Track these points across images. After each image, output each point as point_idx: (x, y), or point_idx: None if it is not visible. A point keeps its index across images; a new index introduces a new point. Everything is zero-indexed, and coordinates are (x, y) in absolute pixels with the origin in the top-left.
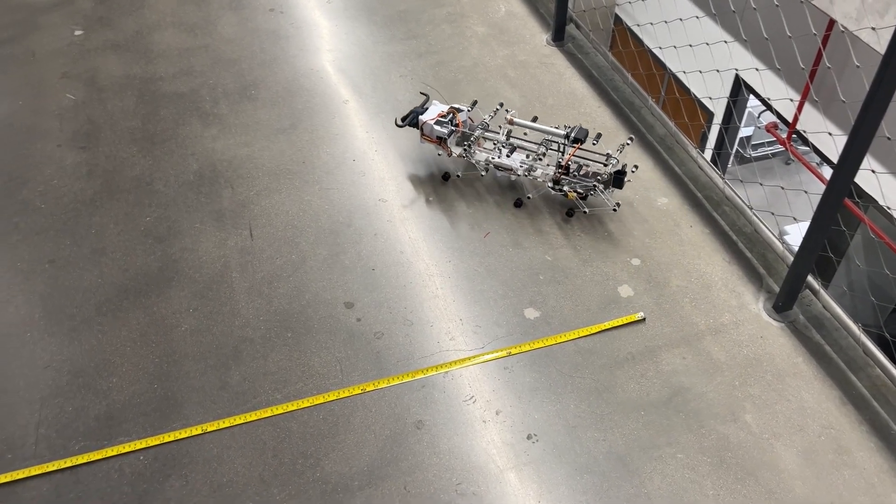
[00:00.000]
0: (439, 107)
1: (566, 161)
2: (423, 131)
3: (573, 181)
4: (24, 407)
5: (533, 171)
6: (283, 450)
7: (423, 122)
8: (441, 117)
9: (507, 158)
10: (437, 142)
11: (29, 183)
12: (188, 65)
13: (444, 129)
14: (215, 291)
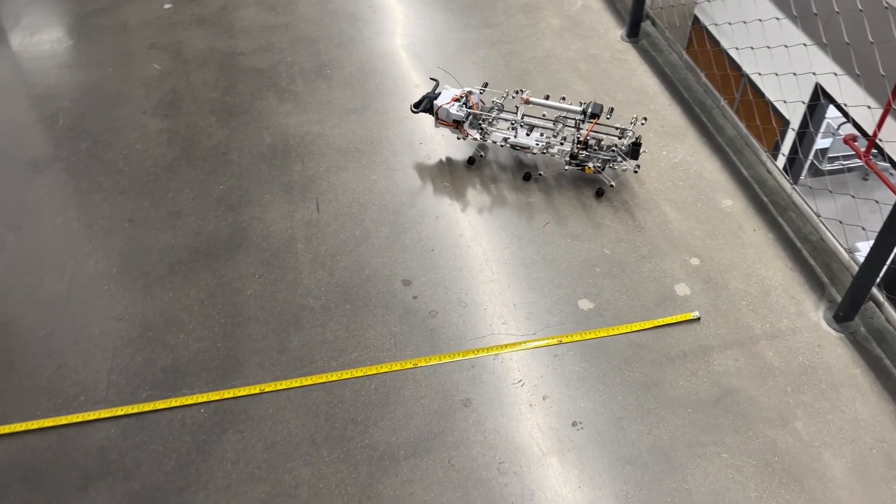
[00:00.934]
0: (452, 91)
1: (585, 135)
2: (438, 116)
3: (592, 155)
4: (98, 354)
5: (550, 148)
6: (334, 415)
7: (438, 107)
8: (455, 101)
9: (525, 137)
10: (453, 125)
11: (114, 146)
12: (268, 42)
13: (460, 112)
14: (280, 260)
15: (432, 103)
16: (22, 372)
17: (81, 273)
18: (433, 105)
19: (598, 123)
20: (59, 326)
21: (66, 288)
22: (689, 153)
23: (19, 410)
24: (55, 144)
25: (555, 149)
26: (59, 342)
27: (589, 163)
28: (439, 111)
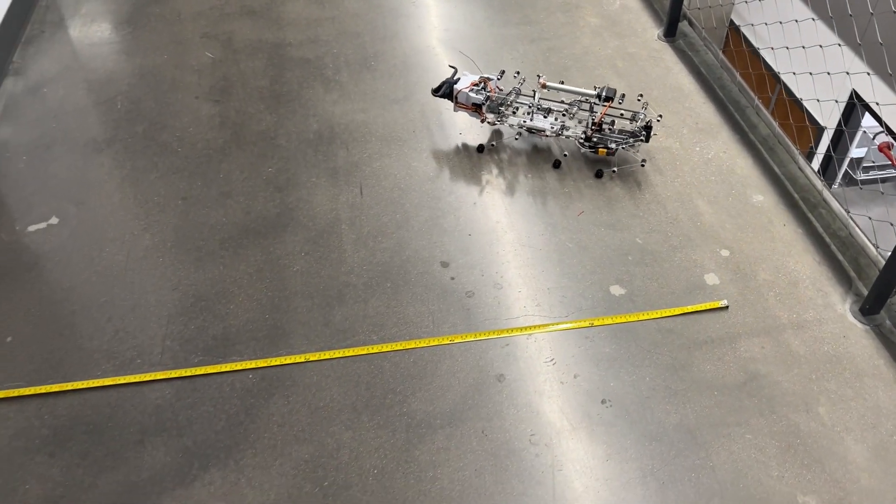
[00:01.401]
0: (470, 77)
1: (599, 118)
2: (457, 100)
3: (605, 137)
4: (153, 321)
5: (565, 131)
6: (374, 384)
7: (458, 91)
8: (474, 86)
9: (542, 120)
10: (472, 108)
11: (168, 128)
12: (315, 34)
13: (479, 96)
14: (325, 239)
15: (452, 88)
16: (83, 335)
17: (138, 246)
18: (453, 89)
19: (611, 107)
20: (117, 294)
21: (123, 259)
22: (721, 150)
23: (81, 370)
24: (114, 126)
25: (569, 131)
26: (117, 309)
27: (602, 145)
28: (459, 95)
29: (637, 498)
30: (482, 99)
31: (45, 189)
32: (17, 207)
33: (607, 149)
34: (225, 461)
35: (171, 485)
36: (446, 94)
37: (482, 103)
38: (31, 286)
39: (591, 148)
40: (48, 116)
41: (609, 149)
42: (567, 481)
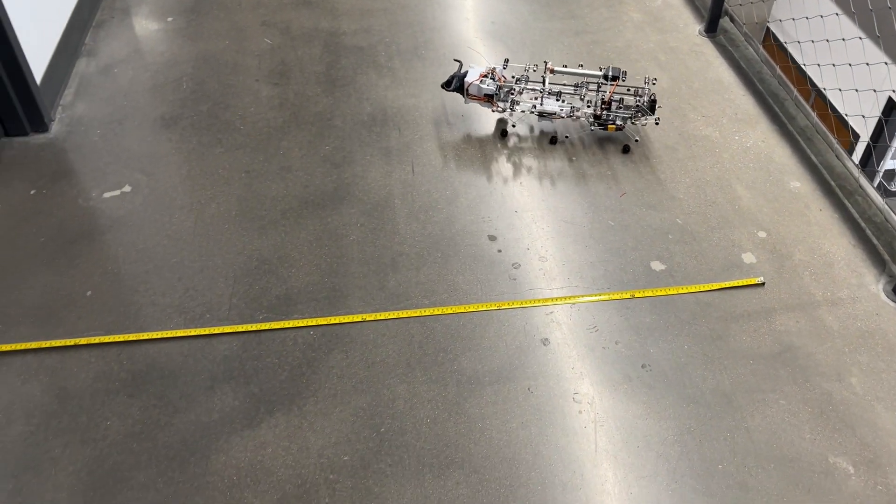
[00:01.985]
0: (478, 69)
1: (609, 96)
2: (468, 92)
3: (615, 114)
4: (221, 281)
5: (576, 111)
6: (427, 343)
7: (469, 84)
8: (483, 77)
9: (552, 104)
10: (484, 99)
11: (231, 108)
12: (368, 24)
13: (490, 87)
14: (379, 212)
15: (462, 81)
16: (157, 291)
17: (205, 213)
18: (463, 83)
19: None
20: (187, 256)
21: (192, 225)
22: (760, 139)
23: (155, 322)
24: (180, 104)
25: (580, 111)
26: (187, 269)
27: (611, 122)
28: (470, 87)
29: (675, 454)
30: (493, 89)
31: (118, 160)
32: (93, 176)
33: (616, 125)
34: (289, 407)
35: (240, 426)
36: (458, 88)
37: (494, 93)
38: (107, 247)
39: (601, 126)
40: (119, 94)
41: (618, 125)
42: (608, 436)
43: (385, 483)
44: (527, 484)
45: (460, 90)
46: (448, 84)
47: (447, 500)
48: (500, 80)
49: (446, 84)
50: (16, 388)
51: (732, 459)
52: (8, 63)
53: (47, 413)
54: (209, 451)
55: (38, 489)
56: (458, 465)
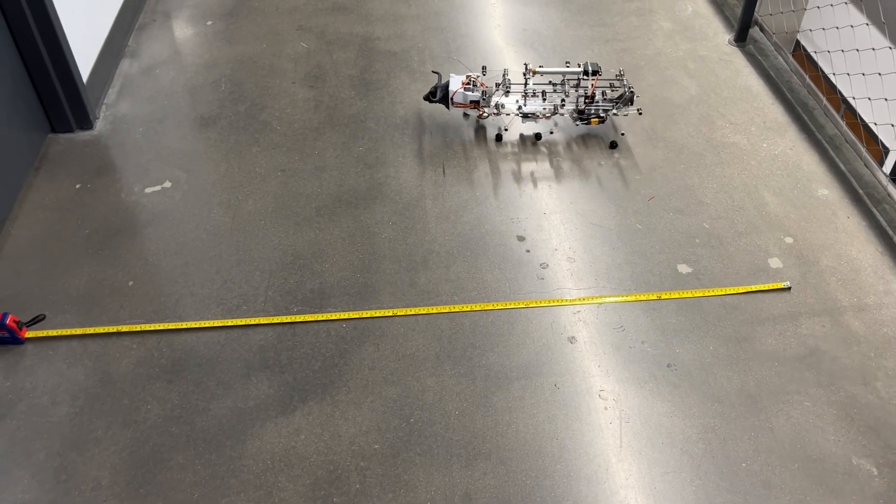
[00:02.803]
0: (458, 77)
1: (591, 89)
2: (454, 101)
3: (597, 107)
4: (257, 274)
5: (560, 109)
6: (456, 338)
7: (454, 92)
8: (465, 85)
9: (535, 104)
10: (471, 106)
11: (267, 109)
12: (401, 30)
13: (475, 93)
14: (411, 212)
15: (447, 91)
16: (195, 283)
17: (242, 209)
18: (448, 93)
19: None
20: (224, 250)
21: (229, 220)
22: (788, 147)
23: (194, 312)
24: (219, 105)
25: (564, 108)
26: (224, 262)
27: (594, 115)
28: (455, 96)
29: (699, 451)
30: (478, 95)
31: (159, 157)
32: (135, 172)
33: (599, 118)
34: (322, 396)
35: (274, 413)
36: (442, 98)
37: (479, 100)
38: (148, 240)
39: (584, 121)
40: (160, 94)
41: (601, 118)
42: (633, 432)
43: (414, 471)
44: (552, 476)
45: (445, 100)
46: (433, 95)
47: (474, 490)
48: (482, 85)
49: (430, 95)
50: (62, 372)
51: (756, 458)
52: (57, 64)
53: (91, 396)
54: (245, 437)
55: (82, 467)
56: (485, 456)
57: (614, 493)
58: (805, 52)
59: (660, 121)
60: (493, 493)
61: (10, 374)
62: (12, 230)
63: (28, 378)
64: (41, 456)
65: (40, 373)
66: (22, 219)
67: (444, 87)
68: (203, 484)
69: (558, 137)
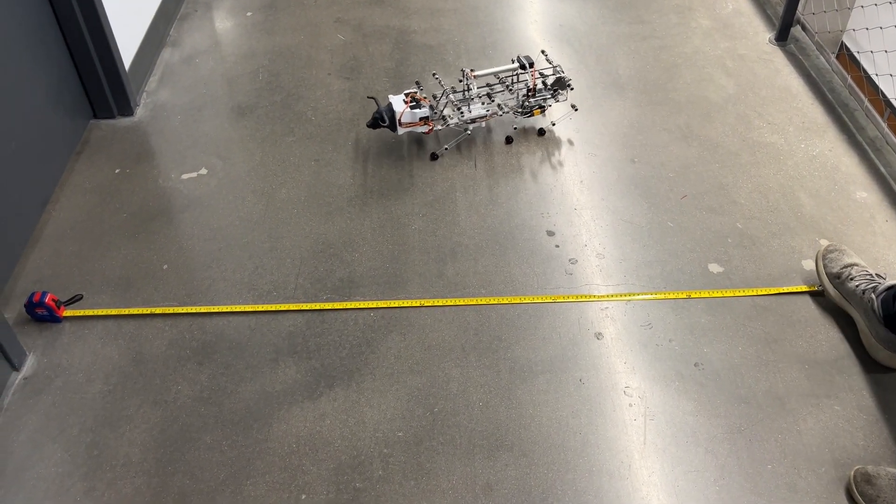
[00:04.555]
0: (397, 98)
1: (533, 81)
2: (401, 122)
3: (538, 98)
4: (288, 261)
5: (502, 108)
6: (482, 330)
7: (400, 114)
8: (408, 104)
9: (479, 108)
10: (420, 123)
11: (303, 99)
12: (438, 23)
13: (424, 110)
14: (441, 204)
15: (393, 113)
16: (227, 268)
17: (275, 198)
18: (394, 114)
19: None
20: (257, 237)
21: (263, 208)
22: (827, 148)
23: (226, 296)
24: (256, 95)
25: (506, 106)
26: (257, 249)
27: (536, 106)
28: (403, 116)
29: (724, 451)
30: (427, 111)
31: (196, 145)
32: (173, 158)
33: (541, 107)
34: (348, 383)
35: (301, 398)
36: (390, 123)
37: (428, 115)
38: (183, 225)
39: (526, 114)
40: (199, 83)
41: (542, 107)
42: (658, 429)
43: (436, 460)
44: (574, 470)
45: (392, 124)
46: (381, 121)
47: (496, 481)
48: (423, 100)
49: (378, 121)
50: (97, 350)
51: (782, 460)
52: (101, 51)
53: (124, 374)
54: (271, 420)
55: (114, 444)
56: (507, 448)
57: (636, 489)
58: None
59: (695, 119)
60: (515, 484)
61: (47, 351)
62: (54, 212)
63: (65, 355)
64: (75, 431)
65: (76, 351)
66: (63, 201)
67: (388, 110)
68: (229, 464)
69: (592, 133)
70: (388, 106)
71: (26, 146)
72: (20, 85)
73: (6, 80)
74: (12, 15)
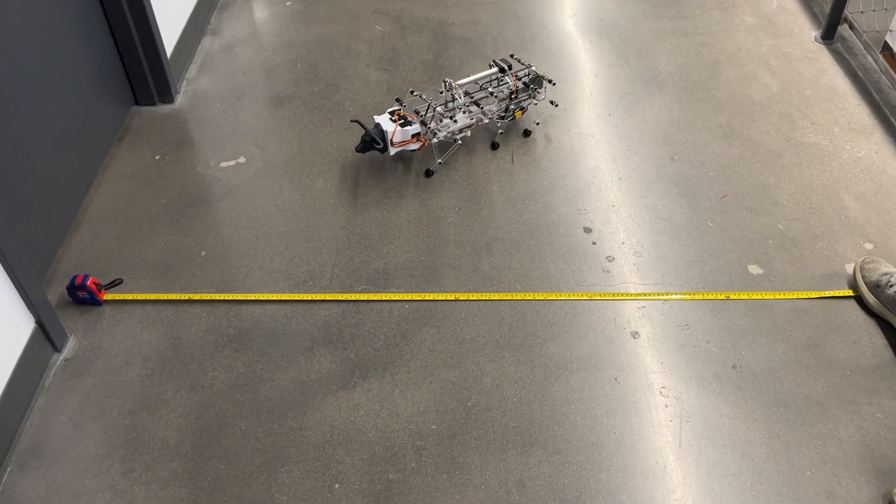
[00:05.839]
0: (383, 117)
1: (514, 85)
2: (393, 142)
3: (519, 100)
4: (324, 251)
5: (487, 114)
6: (517, 326)
7: (392, 133)
8: (396, 122)
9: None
10: (413, 140)
11: (341, 90)
12: (476, 16)
13: (414, 126)
14: (477, 198)
15: (383, 133)
16: (265, 257)
17: (312, 188)
18: (385, 135)
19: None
20: (293, 226)
21: (300, 198)
22: (873, 150)
23: (262, 284)
24: (294, 84)
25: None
26: (293, 238)
27: (517, 108)
28: (394, 136)
29: (762, 455)
30: (418, 127)
31: (235, 133)
32: (212, 146)
33: (521, 108)
34: (382, 374)
35: (335, 387)
36: (383, 144)
37: (419, 131)
38: (222, 212)
39: (507, 118)
40: (239, 72)
41: (523, 108)
42: (694, 432)
43: (469, 454)
44: (608, 469)
45: (384, 145)
46: (370, 145)
47: (528, 477)
48: (408, 116)
49: (368, 145)
50: (136, 334)
51: (822, 467)
52: (145, 39)
53: (162, 359)
54: (306, 408)
55: (151, 427)
56: (541, 445)
57: (671, 491)
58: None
59: (737, 118)
60: (548, 481)
61: (88, 333)
62: (95, 197)
63: (104, 338)
64: (114, 413)
65: (116, 334)
66: (105, 186)
67: (378, 132)
68: (264, 451)
69: (631, 130)
70: (377, 127)
71: (71, 131)
72: (66, 70)
73: (53, 66)
74: (59, 2)
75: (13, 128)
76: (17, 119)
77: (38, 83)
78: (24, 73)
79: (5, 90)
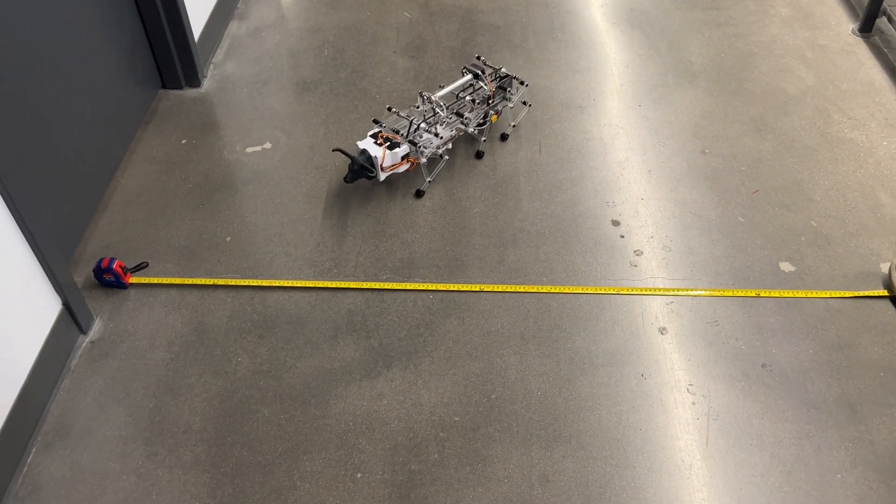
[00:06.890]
0: (366, 142)
1: (491, 90)
2: (383, 167)
3: (494, 104)
4: (349, 239)
5: (465, 123)
6: (542, 319)
7: (381, 158)
8: (382, 145)
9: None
10: (403, 162)
11: (368, 77)
12: (505, 4)
13: (404, 147)
14: (504, 188)
15: (371, 158)
16: (290, 243)
17: (338, 175)
18: (372, 160)
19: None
20: (319, 213)
21: (325, 185)
22: None
23: (287, 271)
24: (321, 70)
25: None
26: (319, 225)
27: (492, 112)
28: (384, 160)
29: (791, 456)
30: (406, 147)
31: (261, 118)
32: (238, 131)
33: (496, 112)
34: (406, 364)
35: (359, 376)
36: (371, 170)
37: (409, 152)
38: (247, 198)
39: (483, 124)
40: (265, 57)
41: (498, 112)
42: (721, 430)
43: (492, 447)
44: (633, 466)
45: (372, 172)
46: (360, 173)
47: (552, 472)
48: (394, 137)
49: (357, 174)
50: (161, 318)
51: (852, 470)
52: (173, 22)
53: (186, 343)
54: (329, 397)
55: (175, 410)
56: (565, 440)
57: (697, 490)
58: None
59: (770, 111)
60: (572, 476)
61: (114, 315)
62: (122, 180)
63: (130, 321)
64: (138, 396)
65: (141, 317)
66: (131, 169)
67: (365, 158)
68: (287, 438)
69: (662, 122)
70: (364, 153)
71: (99, 113)
72: (95, 53)
73: (83, 48)
74: None
75: (43, 110)
76: (47, 101)
77: (68, 65)
78: (54, 56)
79: (36, 72)
